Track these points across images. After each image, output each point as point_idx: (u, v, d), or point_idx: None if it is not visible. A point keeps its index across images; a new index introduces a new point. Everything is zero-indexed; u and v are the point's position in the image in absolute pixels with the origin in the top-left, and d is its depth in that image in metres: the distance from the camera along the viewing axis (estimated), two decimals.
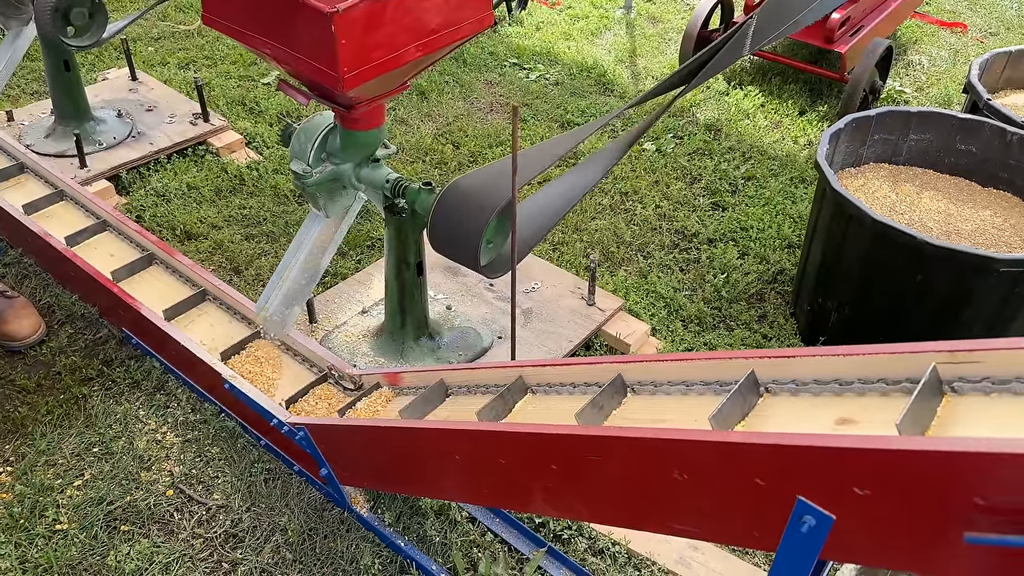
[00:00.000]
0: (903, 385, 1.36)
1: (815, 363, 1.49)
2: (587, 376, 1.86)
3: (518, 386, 1.99)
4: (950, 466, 1.05)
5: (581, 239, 3.95)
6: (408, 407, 2.22)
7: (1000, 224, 3.20)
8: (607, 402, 1.71)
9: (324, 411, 2.67)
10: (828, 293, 3.23)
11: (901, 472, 1.11)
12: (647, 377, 1.73)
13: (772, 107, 5.12)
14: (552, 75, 5.41)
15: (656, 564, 2.50)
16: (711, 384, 1.62)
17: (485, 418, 1.89)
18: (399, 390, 2.61)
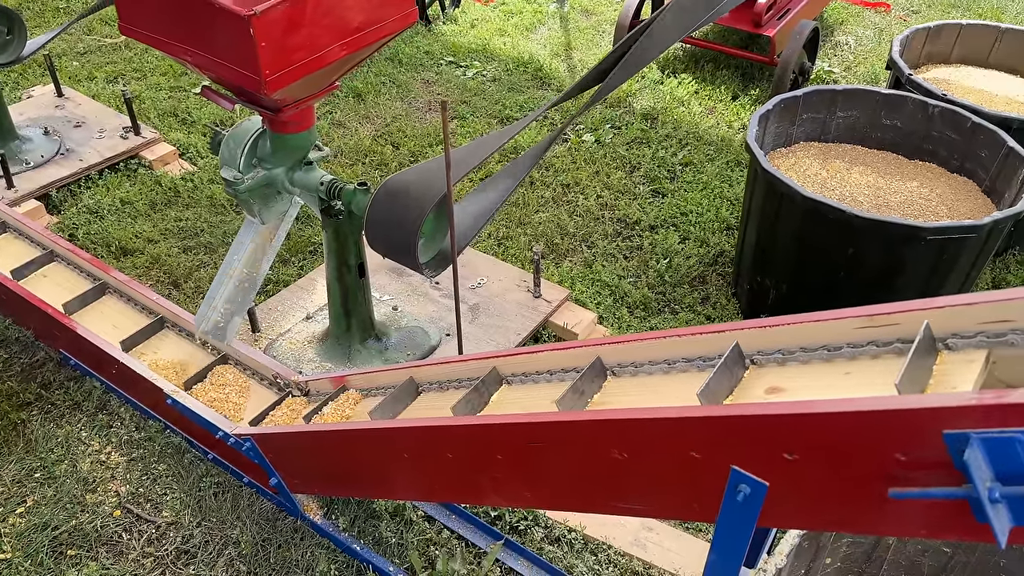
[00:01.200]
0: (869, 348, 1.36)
1: (797, 331, 1.45)
2: (565, 362, 1.81)
3: (493, 377, 1.93)
4: (868, 425, 1.08)
5: (525, 232, 3.96)
6: (378, 407, 2.16)
7: (927, 194, 3.30)
8: (587, 387, 1.67)
9: (290, 419, 2.60)
10: (766, 271, 3.29)
11: (824, 435, 1.14)
12: (627, 358, 1.68)
13: (706, 93, 5.19)
14: (489, 71, 5.41)
15: (612, 547, 2.52)
16: (694, 360, 1.58)
17: (461, 412, 1.83)
18: (366, 391, 2.54)
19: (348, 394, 2.52)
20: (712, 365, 1.51)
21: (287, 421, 2.59)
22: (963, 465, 1.00)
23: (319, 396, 2.63)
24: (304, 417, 2.50)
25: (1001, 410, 0.98)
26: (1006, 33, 4.31)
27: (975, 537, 1.09)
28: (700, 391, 1.32)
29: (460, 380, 2.10)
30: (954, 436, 1.02)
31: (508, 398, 1.89)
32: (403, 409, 2.18)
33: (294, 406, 2.64)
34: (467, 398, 1.86)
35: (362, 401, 2.51)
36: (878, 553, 1.91)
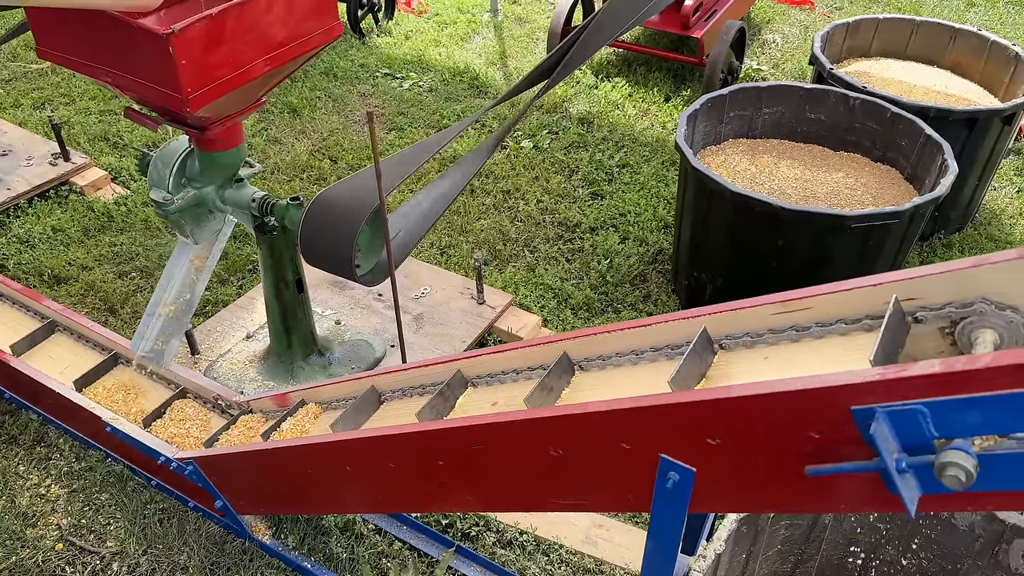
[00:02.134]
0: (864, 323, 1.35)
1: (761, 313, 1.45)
2: (531, 360, 1.79)
3: (458, 381, 1.90)
4: (781, 406, 1.12)
5: (468, 240, 3.98)
6: (340, 420, 2.10)
7: (852, 184, 3.41)
8: (555, 383, 1.65)
9: (247, 438, 2.55)
10: (702, 267, 3.36)
11: (741, 418, 1.18)
12: (594, 352, 1.67)
13: (639, 96, 5.28)
14: (425, 82, 5.42)
15: (563, 547, 2.54)
16: (662, 349, 1.57)
17: (426, 418, 1.79)
18: (326, 404, 2.49)
19: (307, 408, 2.47)
20: (681, 353, 1.50)
21: (244, 440, 2.55)
22: (871, 439, 1.04)
23: (270, 415, 2.59)
24: (262, 435, 2.44)
25: (903, 383, 1.03)
26: (921, 26, 4.47)
27: (889, 508, 1.14)
28: (671, 378, 1.31)
29: (424, 386, 2.07)
30: (861, 411, 1.06)
31: (475, 400, 1.87)
32: (366, 420, 2.14)
33: (251, 424, 2.61)
34: (432, 403, 1.82)
35: (322, 415, 2.45)
36: (816, 533, 1.97)
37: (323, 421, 2.42)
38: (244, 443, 2.51)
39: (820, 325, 1.36)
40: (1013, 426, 0.97)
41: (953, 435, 1.02)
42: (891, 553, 1.97)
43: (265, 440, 2.41)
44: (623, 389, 1.57)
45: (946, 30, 4.41)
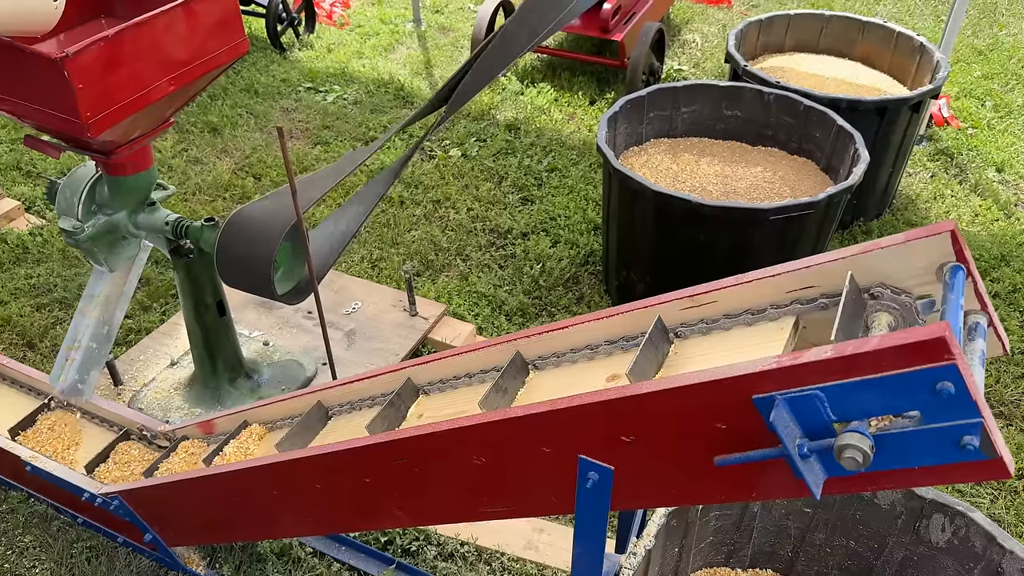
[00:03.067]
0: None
1: (672, 308, 1.46)
2: (484, 362, 1.75)
3: (408, 389, 1.84)
4: (686, 400, 1.14)
5: (399, 252, 3.95)
6: (285, 439, 2.00)
7: (770, 177, 3.49)
8: (510, 384, 1.61)
9: (189, 465, 2.45)
10: (631, 266, 3.40)
11: (651, 414, 1.19)
12: (548, 349, 1.64)
13: (565, 100, 5.32)
14: (350, 95, 5.38)
15: (505, 554, 2.54)
16: (616, 342, 1.54)
17: (376, 431, 1.72)
18: (270, 424, 2.40)
19: (251, 429, 2.36)
20: (637, 344, 1.48)
21: (187, 467, 2.45)
22: (772, 426, 1.06)
23: (211, 440, 2.49)
24: (204, 460, 2.34)
25: (799, 370, 1.05)
26: (831, 20, 4.61)
27: (798, 493, 1.16)
28: (629, 370, 1.29)
29: (373, 397, 2.00)
30: (762, 400, 1.08)
31: (427, 408, 1.82)
32: (313, 437, 2.05)
33: (192, 449, 2.52)
34: (383, 414, 1.75)
35: (267, 435, 2.36)
36: (746, 522, 2.00)
37: (268, 442, 2.33)
38: (183, 471, 2.42)
39: (728, 317, 1.38)
40: (904, 405, 1.00)
41: (850, 417, 1.04)
42: (820, 538, 2.01)
43: (208, 465, 2.32)
44: (578, 386, 1.53)
45: (855, 23, 4.56)
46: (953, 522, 1.84)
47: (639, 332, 1.50)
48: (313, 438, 2.05)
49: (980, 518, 1.81)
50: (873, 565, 1.97)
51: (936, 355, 0.94)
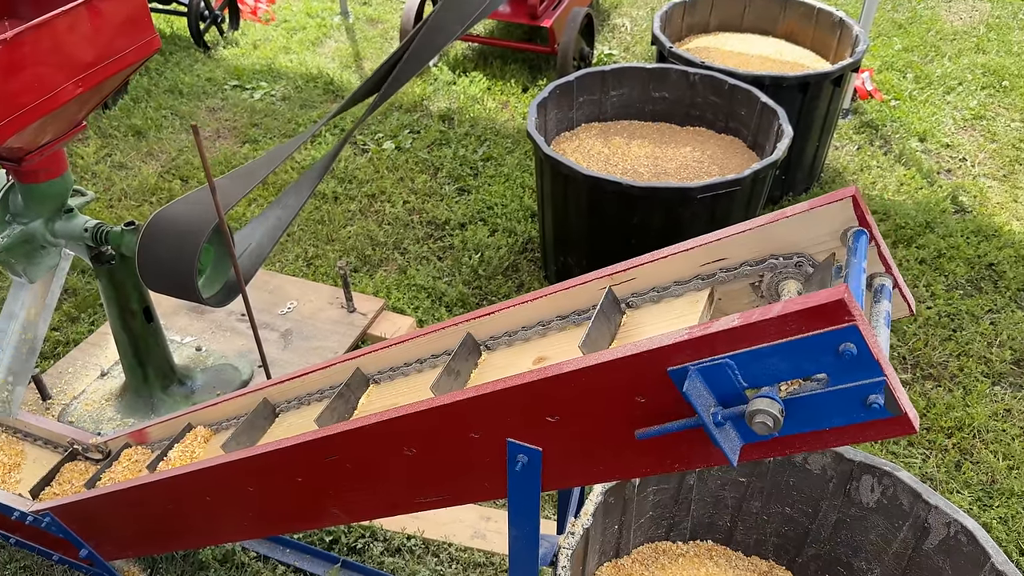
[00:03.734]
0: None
1: (592, 288, 1.48)
2: (434, 346, 1.70)
3: (358, 380, 1.78)
4: (604, 377, 1.14)
5: (335, 249, 3.90)
6: (232, 439, 1.92)
7: (699, 157, 3.53)
8: (462, 366, 1.57)
9: (133, 473, 2.35)
10: (567, 250, 3.41)
11: (571, 393, 1.19)
12: (499, 329, 1.61)
13: (498, 89, 5.31)
14: (278, 91, 5.28)
15: (453, 545, 2.53)
16: (568, 316, 1.52)
17: (326, 423, 1.67)
18: (215, 426, 2.31)
19: (195, 432, 2.27)
20: (588, 317, 1.46)
21: (131, 475, 2.36)
22: (687, 396, 1.07)
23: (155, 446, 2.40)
24: (148, 466, 2.25)
25: (709, 340, 1.06)
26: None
27: (716, 461, 1.18)
28: (581, 342, 1.28)
29: (322, 391, 1.94)
30: (676, 371, 1.09)
31: (378, 397, 1.77)
32: (261, 435, 1.98)
33: (135, 457, 2.44)
34: (332, 407, 1.70)
35: (213, 437, 2.28)
36: (683, 495, 2.03)
37: (214, 444, 2.24)
38: (126, 479, 2.33)
39: (640, 293, 1.39)
40: (811, 368, 1.02)
41: (760, 383, 1.06)
42: (756, 506, 2.05)
43: (152, 471, 2.24)
44: (531, 362, 1.51)
45: (777, 1, 4.63)
46: (881, 482, 1.90)
47: (591, 305, 1.48)
48: (260, 436, 1.99)
49: (906, 476, 1.87)
50: (808, 529, 2.02)
51: (837, 317, 0.96)
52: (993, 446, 2.99)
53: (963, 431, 3.03)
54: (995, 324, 3.54)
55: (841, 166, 4.63)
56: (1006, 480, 2.85)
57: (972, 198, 4.41)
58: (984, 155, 4.81)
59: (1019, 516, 2.72)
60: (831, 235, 1.21)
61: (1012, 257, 3.92)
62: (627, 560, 1.99)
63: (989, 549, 1.73)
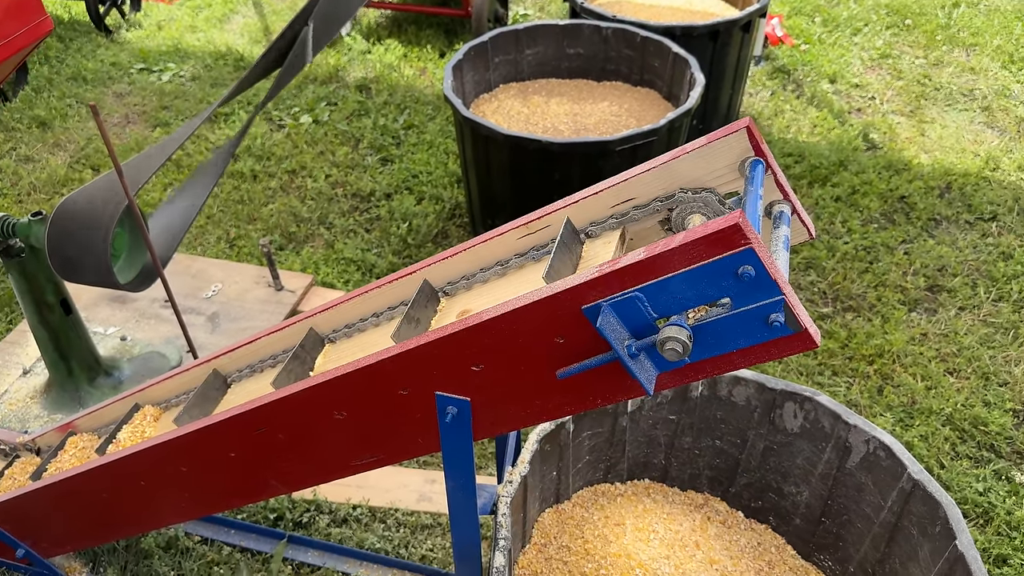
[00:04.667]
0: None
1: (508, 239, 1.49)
2: (389, 299, 1.66)
3: (312, 340, 1.72)
4: (522, 321, 1.17)
5: (257, 228, 3.83)
6: (184, 413, 1.86)
7: (617, 111, 3.57)
8: (421, 314, 1.52)
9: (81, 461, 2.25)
10: (494, 212, 3.42)
11: (492, 340, 1.21)
12: (455, 273, 1.58)
13: (415, 55, 5.25)
14: (187, 71, 5.12)
15: (399, 510, 2.55)
16: (527, 254, 1.49)
17: (282, 385, 1.61)
18: (165, 404, 2.22)
19: (144, 411, 2.17)
20: (548, 251, 1.45)
21: (79, 463, 2.25)
22: (601, 331, 1.10)
23: (101, 431, 2.32)
24: (96, 450, 2.17)
25: (617, 275, 1.09)
26: None
27: (636, 393, 1.21)
28: (545, 274, 1.27)
29: (274, 356, 1.87)
30: (590, 309, 1.12)
31: (335, 356, 1.71)
32: (214, 407, 1.92)
33: (81, 444, 2.34)
34: (288, 369, 1.65)
35: (163, 415, 2.15)
36: (617, 437, 2.08)
37: (164, 422, 2.13)
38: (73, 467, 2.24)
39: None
40: (715, 294, 1.06)
41: (669, 313, 1.09)
42: (688, 441, 2.12)
43: (102, 455, 2.14)
44: (498, 299, 1.46)
45: None
46: (803, 408, 1.98)
47: (549, 239, 1.47)
48: (213, 408, 1.92)
49: (825, 400, 1.95)
50: (738, 459, 2.10)
51: (733, 242, 1.00)
52: (912, 369, 3.13)
53: (883, 357, 3.17)
54: (909, 254, 3.69)
55: (756, 112, 4.73)
56: (925, 400, 3.00)
57: (882, 135, 4.56)
58: (891, 92, 4.97)
59: (938, 433, 2.87)
60: (730, 167, 1.24)
61: (922, 189, 4.08)
62: (568, 504, 2.04)
63: (906, 461, 1.83)
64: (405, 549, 2.46)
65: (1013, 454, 2.82)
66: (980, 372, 3.11)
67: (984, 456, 2.81)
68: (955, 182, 4.14)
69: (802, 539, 2.06)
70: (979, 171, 4.22)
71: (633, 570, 1.80)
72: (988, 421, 2.89)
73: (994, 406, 2.97)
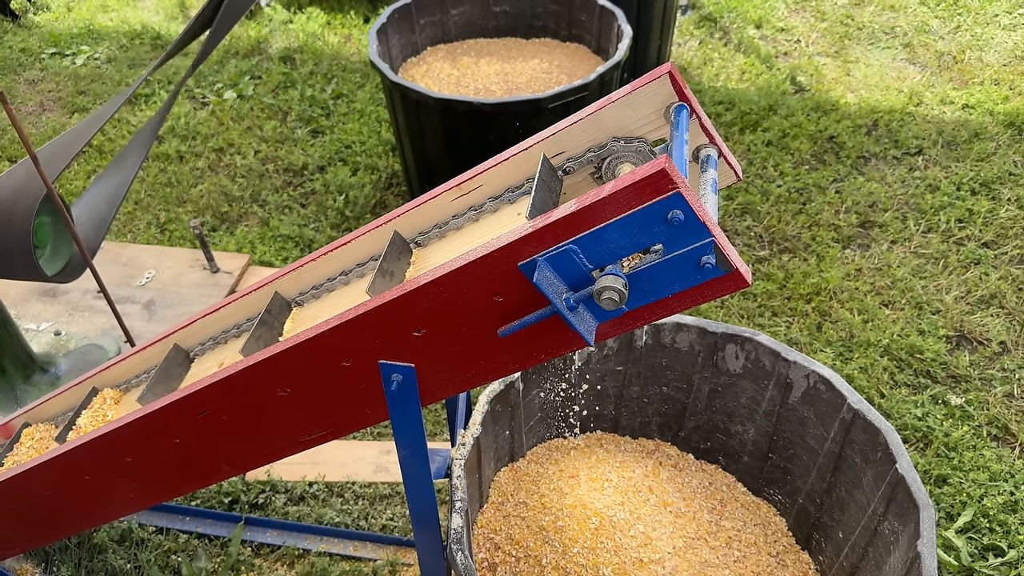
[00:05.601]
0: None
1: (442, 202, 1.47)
2: (358, 255, 1.59)
3: (278, 304, 1.65)
4: (460, 282, 1.16)
5: (187, 211, 3.73)
6: (148, 391, 1.75)
7: (547, 68, 3.54)
8: (395, 266, 1.46)
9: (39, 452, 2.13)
10: (431, 179, 3.39)
11: (431, 303, 1.20)
12: (427, 222, 1.52)
13: (338, 22, 5.13)
14: (102, 53, 4.92)
15: (356, 483, 2.55)
16: (502, 196, 1.44)
17: (251, 352, 1.54)
18: (124, 385, 2.09)
19: (103, 395, 2.06)
20: (527, 191, 1.40)
21: (36, 453, 2.15)
22: (538, 286, 1.10)
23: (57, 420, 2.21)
24: (56, 438, 2.06)
25: (551, 229, 1.09)
26: None
27: (577, 345, 1.22)
28: (528, 212, 1.22)
29: (238, 325, 1.78)
30: (526, 265, 1.12)
31: (304, 318, 1.63)
32: (179, 383, 1.83)
33: (38, 435, 2.23)
34: (256, 335, 1.57)
35: (123, 397, 2.04)
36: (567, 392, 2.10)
37: (126, 404, 2.02)
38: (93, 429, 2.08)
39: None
40: (647, 240, 1.06)
41: (605, 263, 1.10)
42: (636, 391, 2.15)
43: (61, 443, 2.03)
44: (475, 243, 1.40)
45: None
46: (744, 348, 2.02)
47: (525, 179, 1.43)
48: (179, 384, 1.82)
49: (765, 339, 2.00)
50: (685, 404, 2.14)
51: (661, 187, 1.00)
52: (848, 304, 3.22)
53: (820, 295, 3.26)
54: (840, 192, 3.78)
55: (685, 62, 4.75)
56: (862, 333, 3.09)
57: (809, 77, 4.63)
58: (816, 35, 5.04)
59: (876, 364, 2.97)
60: (656, 114, 1.25)
61: (849, 128, 4.16)
62: (523, 462, 2.06)
63: (845, 392, 1.89)
64: (365, 521, 2.46)
65: (948, 378, 2.94)
66: (914, 302, 3.22)
67: (921, 382, 2.92)
68: (881, 119, 4.23)
69: (751, 475, 2.12)
70: (903, 107, 4.33)
71: (590, 519, 1.83)
72: (923, 349, 3.00)
73: (928, 334, 3.08)
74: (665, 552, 1.81)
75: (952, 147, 4.04)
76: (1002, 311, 3.18)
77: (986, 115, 4.25)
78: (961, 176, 3.81)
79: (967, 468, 2.61)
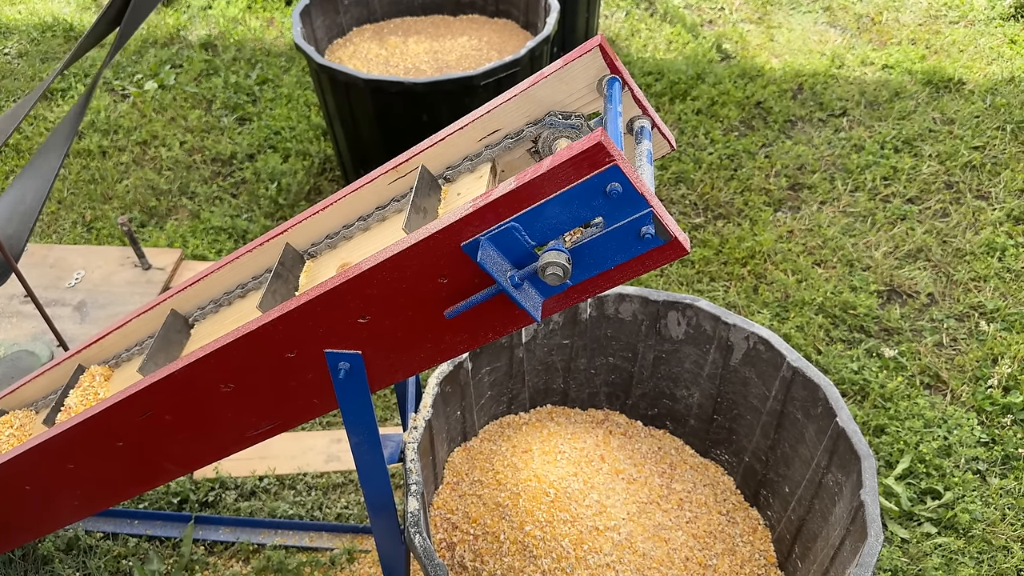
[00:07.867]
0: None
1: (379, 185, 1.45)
2: (379, 197, 1.50)
3: (291, 257, 1.56)
4: (402, 266, 1.15)
5: (114, 207, 3.61)
6: (148, 362, 1.63)
7: (477, 44, 3.52)
8: (427, 203, 1.37)
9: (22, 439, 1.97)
10: (366, 162, 3.34)
11: (375, 290, 1.19)
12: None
13: (260, 6, 4.99)
14: (11, 48, 4.70)
15: (308, 474, 2.52)
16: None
17: (268, 307, 1.45)
18: (113, 361, 1.91)
19: (90, 372, 1.89)
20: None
21: (20, 441, 1.98)
22: (482, 265, 1.10)
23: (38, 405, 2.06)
24: (44, 421, 1.83)
25: (491, 208, 1.08)
26: None
27: (524, 321, 1.23)
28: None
29: (243, 284, 1.67)
30: (469, 245, 1.11)
31: (319, 271, 1.55)
32: (180, 351, 1.71)
33: (17, 422, 2.05)
34: (271, 290, 1.49)
35: (114, 373, 1.87)
36: (515, 368, 2.11)
37: (119, 379, 1.85)
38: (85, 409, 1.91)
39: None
40: (587, 215, 1.07)
41: (547, 239, 1.10)
42: (583, 363, 2.17)
43: (50, 427, 1.87)
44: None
45: None
46: (685, 315, 2.06)
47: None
48: (180, 352, 1.71)
49: (705, 304, 2.04)
50: (632, 372, 2.18)
51: (598, 160, 1.01)
52: (783, 265, 3.31)
53: (755, 258, 3.33)
54: (769, 157, 3.86)
55: (613, 33, 4.77)
56: (797, 293, 3.18)
57: (734, 44, 4.70)
58: (739, 1, 5.11)
59: (812, 321, 3.06)
60: (589, 87, 1.25)
61: (776, 93, 4.25)
62: (476, 441, 2.07)
63: (784, 351, 1.94)
64: (319, 511, 2.44)
65: (881, 332, 3.05)
66: (845, 260, 3.32)
67: (855, 337, 3.02)
68: (806, 83, 4.33)
69: (698, 438, 2.17)
70: (826, 70, 4.43)
71: (545, 491, 1.85)
72: (856, 304, 3.10)
73: (860, 290, 3.19)
74: (620, 518, 1.84)
75: (874, 107, 4.16)
76: (928, 264, 3.31)
77: (905, 74, 4.38)
78: (884, 135, 3.93)
79: (903, 417, 2.72)
